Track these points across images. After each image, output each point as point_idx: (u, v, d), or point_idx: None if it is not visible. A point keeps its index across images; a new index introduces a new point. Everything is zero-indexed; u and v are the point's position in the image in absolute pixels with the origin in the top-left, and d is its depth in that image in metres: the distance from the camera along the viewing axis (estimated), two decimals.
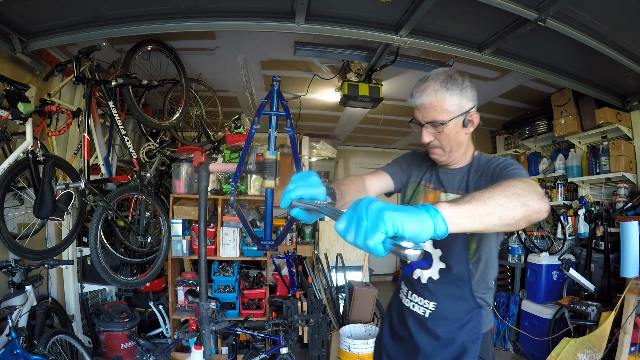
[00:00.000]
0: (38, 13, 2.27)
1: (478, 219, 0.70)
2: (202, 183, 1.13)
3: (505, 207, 0.74)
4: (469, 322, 1.21)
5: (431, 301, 1.24)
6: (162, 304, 3.54)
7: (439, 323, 1.23)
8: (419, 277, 1.27)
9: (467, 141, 1.24)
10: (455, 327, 1.21)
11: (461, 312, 1.21)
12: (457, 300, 1.21)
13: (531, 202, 0.77)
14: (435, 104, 1.13)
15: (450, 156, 1.22)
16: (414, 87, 1.18)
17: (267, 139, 1.24)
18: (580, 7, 2.12)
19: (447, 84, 1.13)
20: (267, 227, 1.22)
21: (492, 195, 0.75)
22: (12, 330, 2.01)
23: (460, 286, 1.20)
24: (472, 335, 1.20)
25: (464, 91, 1.15)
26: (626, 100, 3.43)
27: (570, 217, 3.60)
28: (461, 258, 1.17)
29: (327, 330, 3.01)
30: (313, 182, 0.79)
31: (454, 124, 1.15)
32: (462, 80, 1.15)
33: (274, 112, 1.22)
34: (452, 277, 1.20)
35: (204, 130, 3.99)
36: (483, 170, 1.19)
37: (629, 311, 2.44)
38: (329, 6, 2.30)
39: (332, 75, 3.48)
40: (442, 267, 1.22)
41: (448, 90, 1.12)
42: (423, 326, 1.26)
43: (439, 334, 1.22)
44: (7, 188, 2.17)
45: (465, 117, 1.16)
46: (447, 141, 1.18)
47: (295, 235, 4.50)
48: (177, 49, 3.08)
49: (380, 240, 0.58)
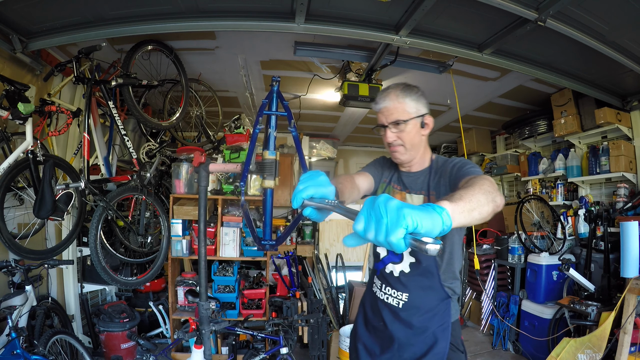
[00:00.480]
0: (38, 13, 2.27)
1: (467, 214, 0.80)
2: (201, 183, 1.14)
3: (483, 203, 0.85)
4: (439, 311, 1.33)
5: (404, 293, 1.35)
6: (162, 304, 3.53)
7: (413, 313, 1.34)
8: (391, 271, 1.38)
9: (425, 145, 1.39)
10: (427, 316, 1.32)
11: (432, 302, 1.33)
12: (428, 290, 1.33)
13: (496, 198, 0.91)
14: (397, 106, 1.31)
15: (410, 154, 1.36)
16: (377, 96, 1.37)
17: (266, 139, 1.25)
18: (580, 7, 2.12)
19: (406, 91, 1.33)
20: (267, 227, 1.22)
21: (474, 193, 0.86)
22: (12, 330, 2.01)
23: (429, 277, 1.32)
24: (442, 324, 1.32)
25: (420, 98, 1.34)
26: (626, 100, 3.43)
27: (570, 217, 3.60)
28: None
29: (327, 330, 3.01)
30: (322, 182, 0.81)
31: (413, 124, 1.32)
32: (417, 90, 1.35)
33: (275, 112, 1.24)
34: (422, 269, 1.32)
35: (204, 130, 3.99)
36: (441, 171, 1.32)
37: (629, 311, 2.44)
38: (329, 6, 2.30)
39: (332, 75, 3.48)
40: (412, 261, 1.33)
41: (407, 95, 1.32)
42: (397, 317, 1.36)
43: (413, 323, 1.33)
44: (7, 188, 2.17)
45: (422, 119, 1.34)
46: (408, 139, 1.33)
47: (295, 235, 4.50)
48: (177, 49, 3.08)
49: (402, 235, 0.61)
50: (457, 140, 6.01)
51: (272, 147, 1.19)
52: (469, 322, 4.40)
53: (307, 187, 0.79)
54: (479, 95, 3.99)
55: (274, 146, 1.20)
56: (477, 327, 4.22)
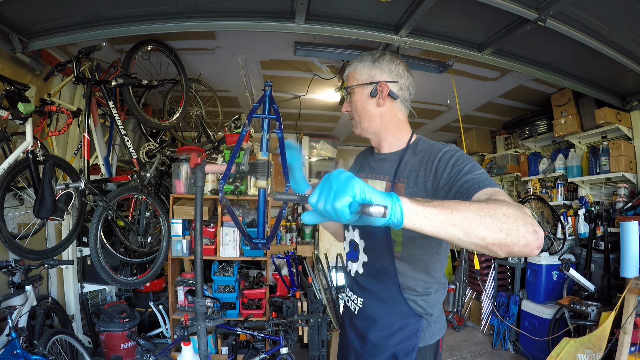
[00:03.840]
0: (38, 13, 2.27)
1: (439, 225, 0.67)
2: (197, 184, 1.16)
3: (474, 224, 0.68)
4: (400, 330, 1.11)
5: (359, 297, 1.20)
6: (162, 304, 3.54)
7: (369, 325, 1.15)
8: (350, 270, 1.24)
9: (396, 122, 1.18)
10: (385, 333, 1.12)
11: (392, 317, 1.12)
12: (386, 300, 1.12)
13: (518, 231, 0.70)
14: (349, 74, 1.20)
15: (361, 128, 1.20)
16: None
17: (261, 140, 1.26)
18: (580, 7, 2.12)
19: (363, 58, 1.18)
20: (259, 226, 1.23)
21: (464, 208, 0.69)
22: (12, 330, 2.01)
23: (386, 283, 1.12)
24: (404, 346, 1.10)
25: (377, 63, 1.16)
26: (626, 100, 3.43)
27: (570, 217, 3.60)
28: (384, 251, 1.10)
29: (327, 330, 3.01)
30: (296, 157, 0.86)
31: (359, 91, 1.16)
32: (379, 55, 1.17)
33: (266, 115, 1.23)
34: (375, 271, 1.14)
35: (204, 130, 3.99)
36: (423, 155, 1.08)
37: (629, 311, 2.44)
38: (329, 6, 2.30)
39: (332, 75, 3.48)
40: (365, 260, 1.17)
41: (361, 62, 1.18)
42: (353, 324, 1.23)
43: (368, 337, 1.15)
44: (7, 188, 2.17)
45: (375, 86, 1.15)
46: (354, 109, 1.19)
47: (295, 235, 4.50)
48: (177, 49, 3.08)
49: (347, 203, 0.62)
50: (457, 140, 6.01)
51: (265, 149, 1.19)
52: (469, 322, 4.41)
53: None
54: (479, 95, 3.99)
55: (266, 147, 1.20)
56: (477, 327, 4.23)
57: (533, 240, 0.71)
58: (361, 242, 1.18)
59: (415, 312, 1.10)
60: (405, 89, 1.19)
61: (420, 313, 1.11)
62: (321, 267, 3.75)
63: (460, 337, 4.01)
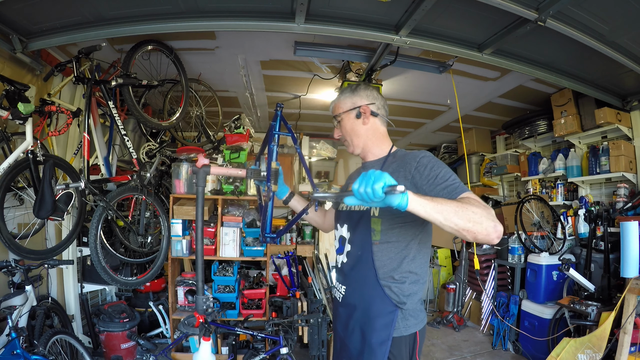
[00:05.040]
0: (38, 13, 2.27)
1: (429, 210, 0.98)
2: (199, 184, 1.24)
3: (451, 214, 0.99)
4: (377, 317, 1.24)
5: (343, 285, 1.39)
6: (162, 304, 3.54)
7: (350, 312, 1.32)
8: (337, 262, 1.45)
9: (377, 136, 1.43)
10: (362, 320, 1.27)
11: (369, 305, 1.26)
12: (364, 285, 1.28)
13: (483, 222, 1.01)
14: (334, 107, 1.46)
15: (354, 146, 1.43)
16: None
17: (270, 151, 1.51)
18: (580, 7, 2.12)
19: (344, 90, 1.45)
20: (268, 223, 1.45)
21: (448, 203, 1.01)
22: (12, 330, 2.01)
23: (365, 270, 1.28)
24: (380, 335, 1.22)
25: (356, 92, 1.43)
26: (626, 100, 3.43)
27: (570, 217, 3.60)
28: (364, 240, 1.30)
29: (327, 330, 3.01)
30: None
31: (346, 117, 1.42)
32: (356, 85, 1.45)
33: (277, 132, 1.51)
34: (357, 258, 1.32)
35: (204, 130, 3.98)
36: (401, 161, 1.31)
37: (629, 311, 2.44)
38: (329, 6, 2.30)
39: (332, 75, 3.48)
40: (348, 249, 1.37)
41: (342, 93, 1.45)
42: (337, 312, 1.41)
43: (348, 323, 1.32)
44: (7, 188, 2.17)
45: (358, 110, 1.40)
46: (345, 132, 1.43)
47: (295, 235, 4.50)
48: (177, 49, 3.08)
49: (381, 186, 0.91)
50: (457, 140, 6.01)
51: (275, 158, 1.44)
52: (469, 322, 4.41)
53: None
54: (479, 95, 3.99)
55: (276, 157, 1.45)
56: (477, 327, 4.23)
57: (492, 232, 1.03)
58: (347, 234, 1.38)
59: (391, 300, 1.24)
60: (382, 108, 1.44)
61: (395, 301, 1.24)
62: (321, 267, 3.75)
63: (460, 337, 4.02)
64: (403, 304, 1.24)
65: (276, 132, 1.49)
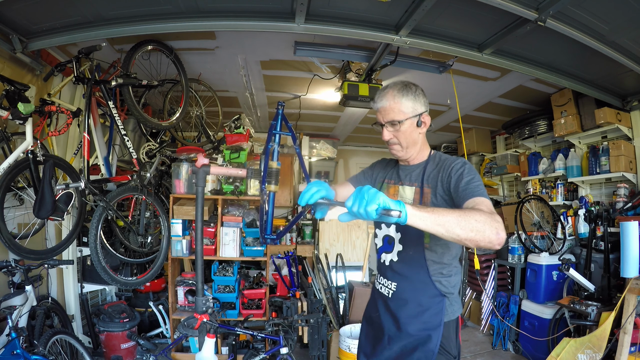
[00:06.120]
0: (38, 13, 2.27)
1: (430, 224, 0.98)
2: (199, 184, 1.24)
3: (453, 225, 0.98)
4: (429, 308, 1.35)
5: (393, 282, 1.43)
6: (162, 304, 3.53)
7: (401, 304, 1.39)
8: (384, 260, 1.47)
9: (423, 141, 1.45)
10: (416, 311, 1.36)
11: (422, 297, 1.36)
12: (417, 283, 1.37)
13: (485, 231, 1.00)
14: (393, 106, 1.35)
15: (407, 152, 1.42)
16: (376, 95, 1.42)
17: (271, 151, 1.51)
18: (580, 7, 2.12)
19: (403, 91, 1.36)
20: (268, 224, 1.45)
21: (448, 214, 1.00)
22: (12, 330, 2.01)
23: (417, 268, 1.37)
24: (433, 322, 1.34)
25: (417, 97, 1.37)
26: (626, 100, 3.43)
27: (570, 217, 3.60)
28: (416, 242, 1.37)
29: (327, 330, 3.01)
30: (326, 187, 1.11)
31: (409, 123, 1.36)
32: (415, 88, 1.38)
33: (278, 132, 1.50)
34: (409, 258, 1.39)
35: (204, 130, 3.98)
36: (440, 167, 1.37)
37: (629, 311, 2.44)
38: (329, 6, 2.30)
39: (332, 75, 3.48)
40: (399, 249, 1.41)
41: (404, 95, 1.35)
42: (387, 307, 1.44)
43: (401, 315, 1.38)
44: (7, 188, 2.17)
45: (419, 118, 1.37)
46: (403, 138, 1.38)
47: (295, 235, 4.51)
48: (177, 49, 3.08)
49: (375, 208, 0.92)
50: (457, 140, 6.01)
51: (276, 158, 1.44)
52: (469, 322, 4.41)
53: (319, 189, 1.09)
54: (479, 95, 3.99)
55: (277, 157, 1.45)
56: (477, 327, 4.22)
57: (495, 240, 1.01)
58: (397, 235, 1.43)
59: (441, 292, 1.36)
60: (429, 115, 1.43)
61: (444, 292, 1.36)
62: (321, 267, 3.75)
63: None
64: (451, 294, 1.38)
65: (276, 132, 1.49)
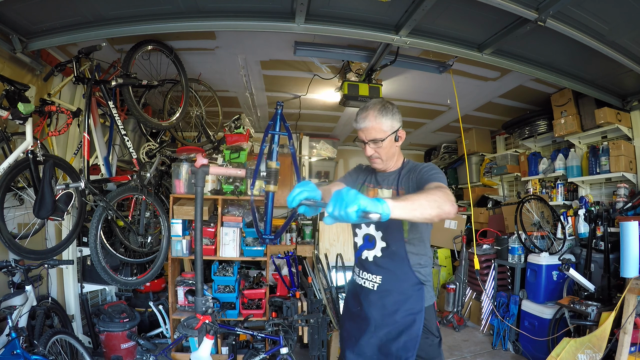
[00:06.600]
0: (38, 13, 2.27)
1: (408, 212, 1.10)
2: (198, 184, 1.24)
3: (425, 207, 1.14)
4: (411, 296, 1.54)
5: (377, 275, 1.59)
6: (162, 304, 3.53)
7: (386, 295, 1.56)
8: (367, 257, 1.63)
9: (398, 152, 1.65)
10: (400, 299, 1.54)
11: (404, 286, 1.55)
12: (400, 275, 1.55)
13: (444, 206, 1.18)
14: (375, 126, 1.53)
15: (386, 164, 1.61)
16: (357, 115, 1.58)
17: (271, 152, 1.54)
18: (580, 7, 2.12)
19: (383, 111, 1.53)
20: (267, 224, 1.47)
21: (419, 199, 1.16)
22: (12, 330, 2.01)
23: (399, 261, 1.55)
24: (415, 307, 1.53)
25: (394, 115, 1.55)
26: (626, 100, 3.43)
27: (570, 217, 3.60)
28: (397, 238, 1.55)
29: (327, 330, 3.01)
30: (312, 187, 1.13)
31: (388, 140, 1.55)
32: (392, 107, 1.56)
33: (277, 132, 1.53)
34: (391, 253, 1.56)
35: (204, 130, 3.98)
36: (410, 172, 1.58)
37: (629, 311, 2.44)
38: (329, 6, 2.30)
39: (332, 75, 3.48)
40: (383, 245, 1.58)
41: (383, 116, 1.52)
42: (373, 299, 1.59)
43: (387, 304, 1.55)
44: (7, 188, 2.17)
45: (396, 134, 1.56)
46: (384, 153, 1.57)
47: (295, 235, 4.50)
48: (177, 49, 3.08)
49: (355, 210, 0.97)
50: (457, 140, 6.01)
51: (275, 158, 1.46)
52: (469, 322, 4.40)
53: (302, 191, 1.11)
54: (479, 95, 3.99)
55: (276, 157, 1.47)
56: (477, 327, 4.22)
57: (452, 211, 1.20)
58: (378, 233, 1.59)
59: (420, 281, 1.56)
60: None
61: (422, 281, 1.56)
62: (321, 267, 3.75)
63: (460, 337, 4.01)
64: (428, 282, 1.59)
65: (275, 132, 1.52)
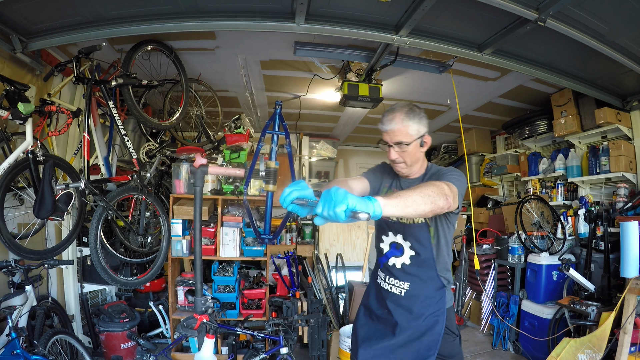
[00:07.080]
0: (38, 13, 2.27)
1: (401, 209, 1.09)
2: (197, 184, 1.24)
3: (419, 203, 1.14)
4: (435, 299, 1.57)
5: (405, 282, 1.60)
6: (162, 304, 3.53)
7: (413, 300, 1.57)
8: (394, 263, 1.63)
9: (422, 158, 1.62)
10: (426, 303, 1.56)
11: (430, 291, 1.57)
12: (427, 280, 1.57)
13: (437, 201, 1.19)
14: (401, 129, 1.49)
15: (410, 169, 1.59)
16: (383, 117, 1.54)
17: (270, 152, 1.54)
18: (580, 7, 2.12)
19: (410, 114, 1.50)
20: (266, 224, 1.47)
21: (412, 195, 1.14)
22: (12, 330, 2.01)
23: (427, 268, 1.56)
24: (438, 309, 1.56)
25: (421, 120, 1.52)
26: (626, 100, 3.43)
27: (570, 217, 3.60)
28: (426, 245, 1.55)
29: (327, 330, 3.01)
30: (303, 186, 1.09)
31: (414, 145, 1.52)
32: (419, 111, 1.53)
33: (276, 132, 1.52)
34: (420, 261, 1.57)
35: (204, 130, 3.98)
36: (434, 175, 1.57)
37: (629, 311, 2.44)
38: (329, 6, 2.30)
39: (332, 75, 3.48)
40: (412, 254, 1.58)
41: (410, 119, 1.50)
42: (399, 304, 1.60)
43: (414, 309, 1.56)
44: (7, 188, 2.17)
45: (422, 139, 1.54)
46: (409, 157, 1.54)
47: (295, 235, 4.50)
48: (177, 49, 3.08)
49: (343, 209, 0.94)
50: (457, 140, 6.01)
51: (274, 158, 1.46)
52: (469, 322, 4.40)
53: (292, 191, 1.07)
54: (479, 95, 3.99)
55: (275, 157, 1.47)
56: (477, 327, 4.22)
57: (446, 205, 1.22)
58: (406, 243, 1.59)
59: (443, 284, 1.58)
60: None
61: (445, 284, 1.58)
62: (321, 267, 3.75)
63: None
64: (449, 284, 1.62)
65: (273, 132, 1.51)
